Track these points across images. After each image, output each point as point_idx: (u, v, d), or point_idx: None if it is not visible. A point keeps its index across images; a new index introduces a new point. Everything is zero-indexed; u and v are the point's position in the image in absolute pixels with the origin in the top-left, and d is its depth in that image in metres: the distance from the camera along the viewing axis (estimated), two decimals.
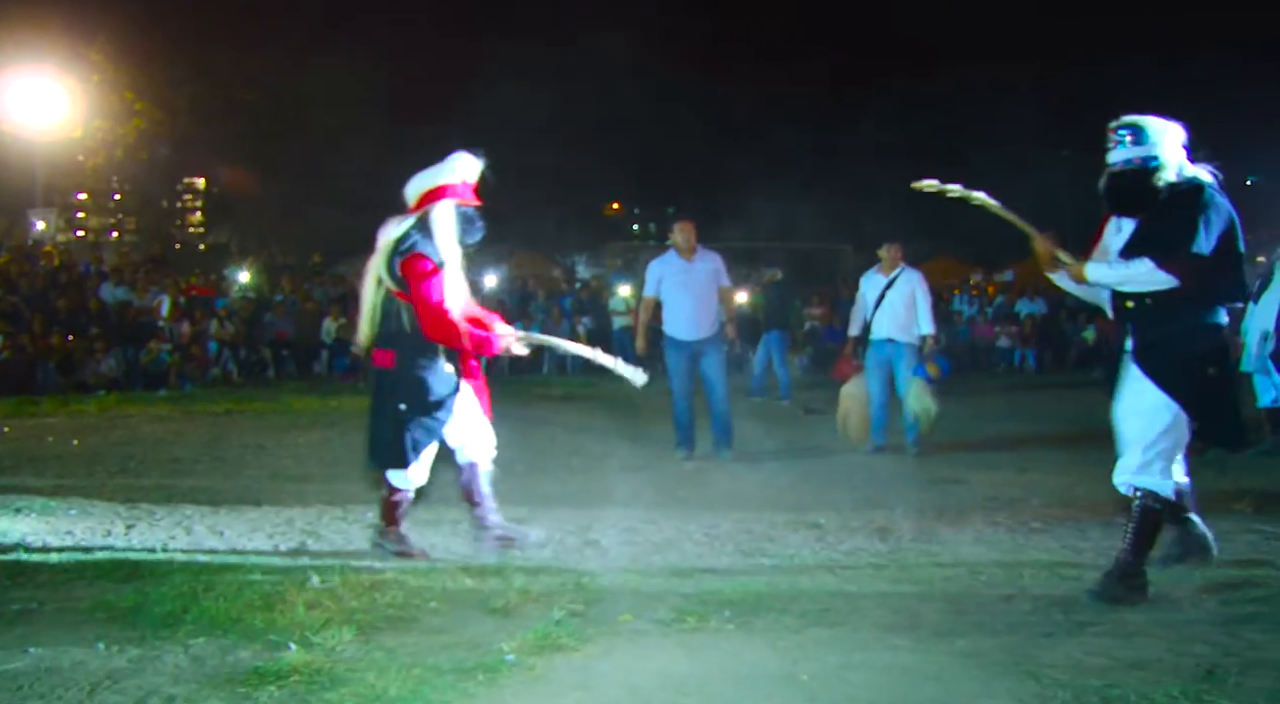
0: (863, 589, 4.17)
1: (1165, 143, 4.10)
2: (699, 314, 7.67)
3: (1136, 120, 4.14)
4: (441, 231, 4.63)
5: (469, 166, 4.75)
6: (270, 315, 16.57)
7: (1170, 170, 4.07)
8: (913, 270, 8.35)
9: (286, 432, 9.24)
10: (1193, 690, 3.02)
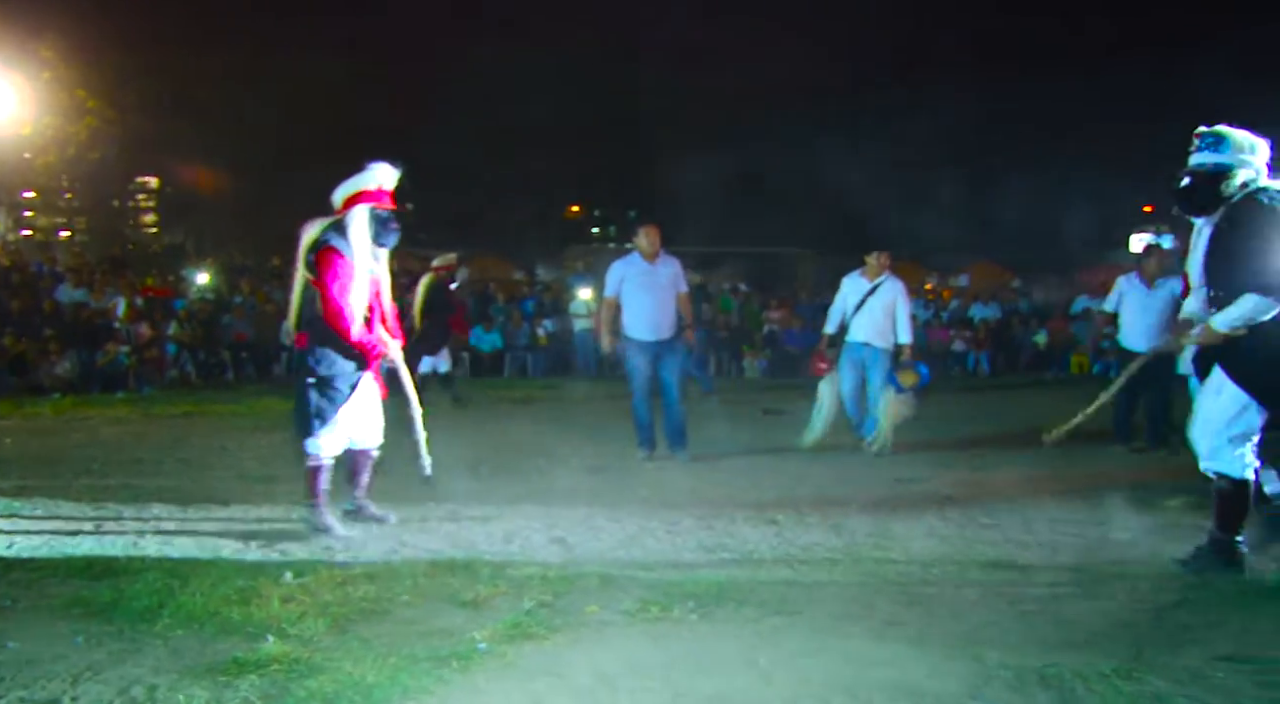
0: (818, 581, 4.36)
1: (1242, 154, 4.44)
2: (659, 316, 7.84)
3: (1220, 129, 4.53)
4: (356, 232, 5.19)
5: (386, 175, 5.32)
6: (229, 317, 16.49)
7: (1239, 178, 4.42)
8: (896, 279, 8.59)
9: (249, 433, 9.26)
10: (1124, 669, 3.23)
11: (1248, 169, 4.44)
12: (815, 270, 29.01)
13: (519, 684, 3.14)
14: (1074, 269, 28.51)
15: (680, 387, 7.94)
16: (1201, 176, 4.50)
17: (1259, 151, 4.48)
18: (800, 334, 18.94)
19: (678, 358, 7.97)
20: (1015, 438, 9.44)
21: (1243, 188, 4.43)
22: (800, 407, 11.91)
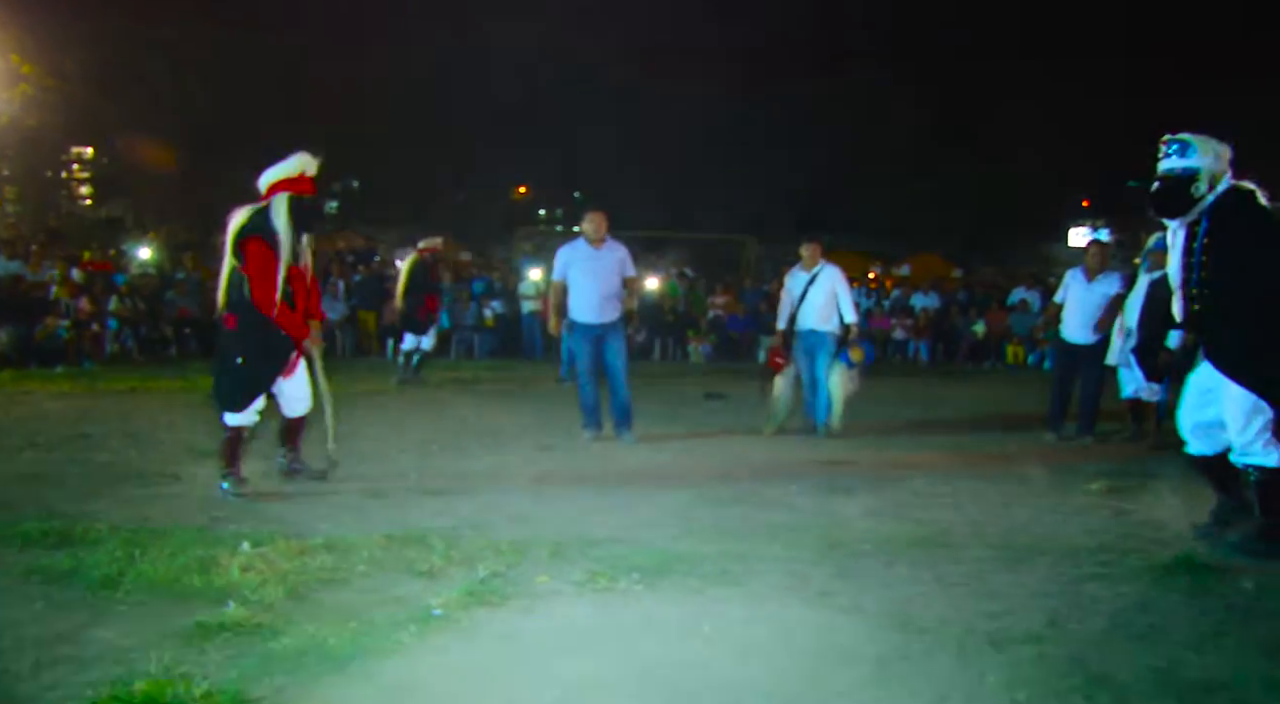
0: (758, 555, 4.57)
1: (1208, 157, 4.74)
2: (603, 300, 7.99)
3: (1186, 136, 4.82)
4: (279, 220, 5.53)
5: (307, 163, 5.65)
6: (172, 293, 16.31)
7: (1206, 181, 4.72)
8: (832, 267, 8.89)
9: (197, 409, 9.22)
10: (1035, 634, 3.50)
11: (1214, 171, 4.75)
12: (759, 257, 29.35)
13: (472, 647, 3.31)
14: (1012, 261, 29.21)
15: (625, 369, 8.09)
16: (1172, 181, 4.80)
17: (1223, 154, 4.80)
18: (744, 320, 19.24)
19: (621, 341, 8.12)
20: (950, 423, 9.82)
21: (1211, 189, 4.73)
22: (743, 391, 12.22)
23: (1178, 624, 3.70)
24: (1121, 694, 3.03)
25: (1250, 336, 4.70)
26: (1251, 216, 4.67)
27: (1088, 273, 8.63)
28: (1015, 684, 3.10)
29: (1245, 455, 4.75)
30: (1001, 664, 3.27)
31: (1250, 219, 4.67)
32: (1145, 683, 3.12)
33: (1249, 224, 4.66)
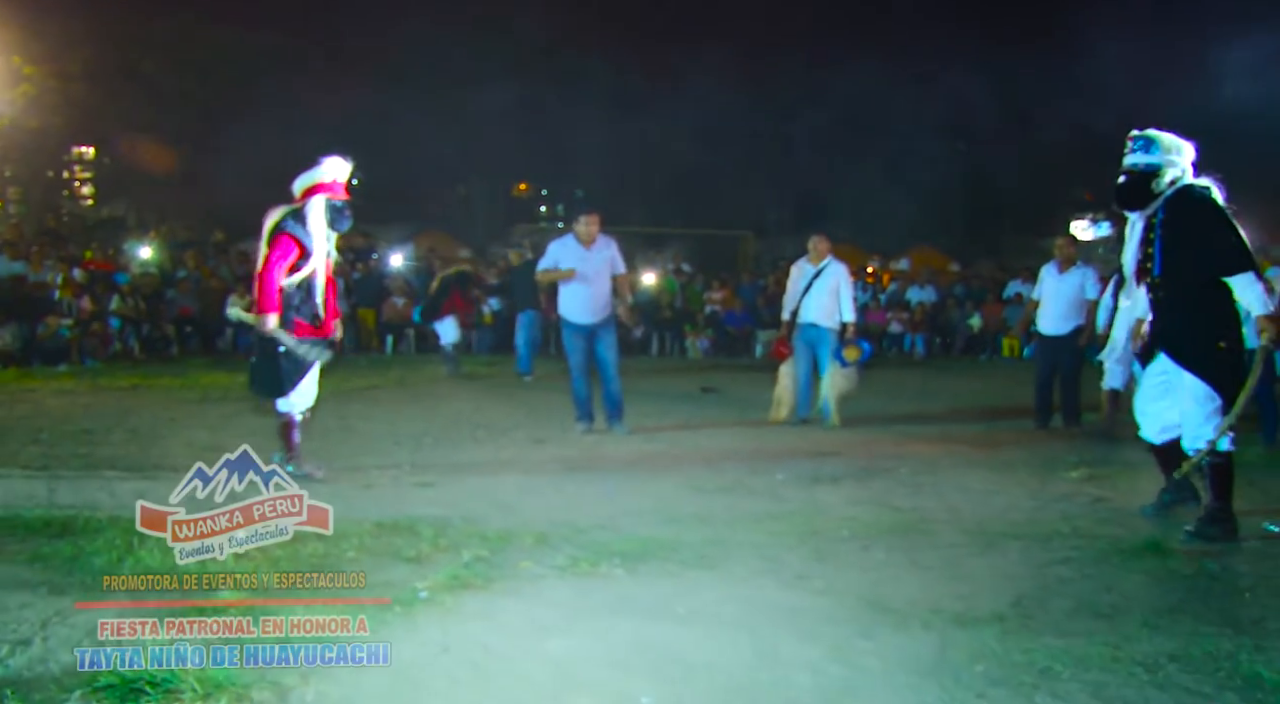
0: (736, 540, 4.70)
1: (1170, 154, 4.97)
2: (594, 300, 8.09)
3: (1150, 133, 5.05)
4: (314, 221, 5.95)
5: (339, 167, 6.04)
6: (173, 292, 16.45)
7: (1167, 177, 4.94)
8: (838, 262, 9.06)
9: (197, 405, 9.41)
10: (1000, 613, 3.64)
11: (1175, 168, 4.96)
12: (757, 252, 29.48)
13: (457, 626, 3.45)
14: (1009, 254, 29.32)
15: (616, 362, 8.21)
16: (1135, 176, 5.02)
17: (1185, 152, 5.01)
18: (741, 315, 19.35)
19: (613, 336, 8.23)
20: (941, 415, 9.95)
21: (1171, 185, 4.94)
22: (738, 385, 12.36)
23: (1138, 603, 3.83)
24: (1076, 666, 3.16)
25: (1201, 327, 4.86)
26: (1203, 211, 4.83)
27: (1059, 266, 8.75)
28: (976, 658, 3.23)
29: (1198, 441, 4.89)
30: (965, 640, 3.40)
31: (1202, 214, 4.83)
32: (1099, 656, 3.25)
33: (1200, 218, 4.83)
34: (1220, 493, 4.87)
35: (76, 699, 2.89)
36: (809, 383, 8.98)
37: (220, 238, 21.06)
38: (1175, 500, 5.36)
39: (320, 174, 6.00)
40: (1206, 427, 4.86)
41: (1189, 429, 4.93)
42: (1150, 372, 5.13)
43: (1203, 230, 4.82)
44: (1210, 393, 4.84)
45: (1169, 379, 4.99)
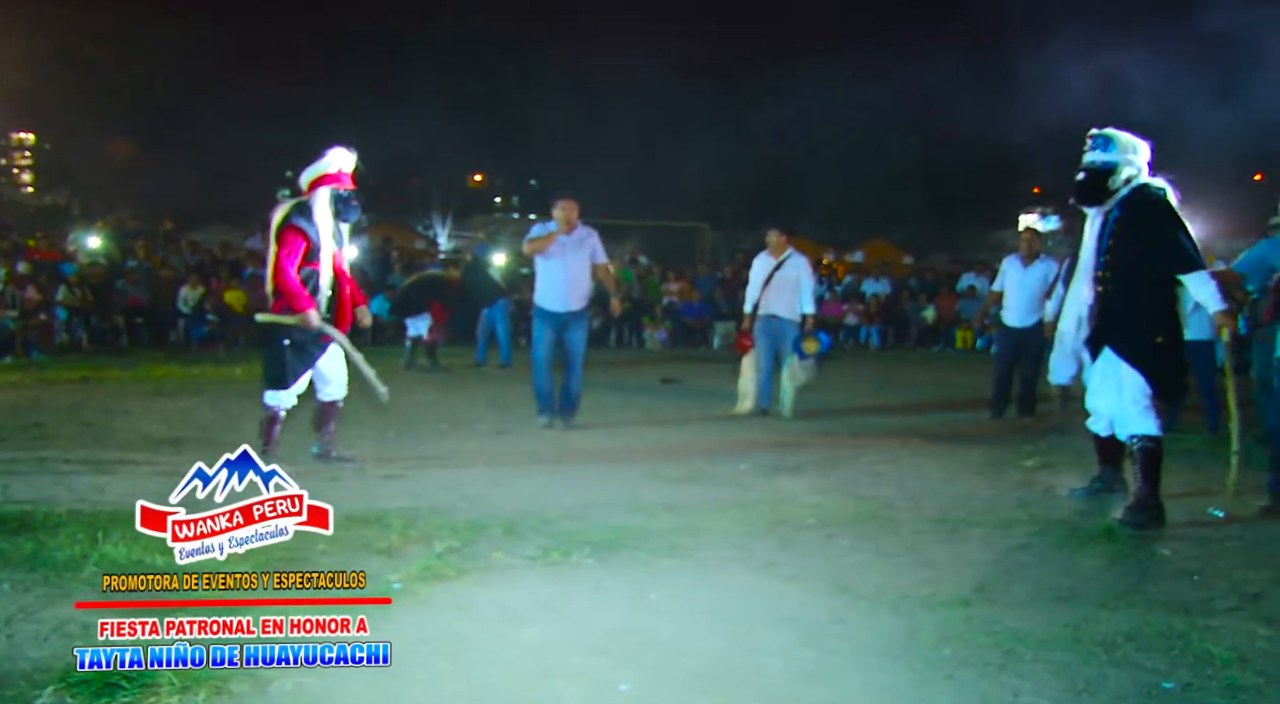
0: (705, 529, 4.77)
1: (1127, 153, 5.14)
2: (571, 288, 7.93)
3: (1108, 132, 5.22)
4: (320, 213, 6.00)
5: (344, 158, 6.09)
6: (123, 282, 16.16)
7: (1123, 175, 5.11)
8: (800, 255, 9.14)
9: (151, 398, 9.27)
10: (965, 597, 3.74)
11: (1131, 167, 5.14)
12: (715, 244, 29.61)
13: (431, 616, 3.46)
14: (962, 248, 29.73)
15: (582, 357, 8.10)
16: (1093, 173, 5.19)
17: (1141, 151, 5.21)
18: (699, 306, 19.44)
19: (584, 330, 8.11)
20: (898, 405, 10.10)
21: (1126, 183, 5.11)
22: (698, 376, 12.44)
23: (1094, 587, 3.96)
24: (1036, 648, 3.26)
25: (1142, 322, 5.03)
26: (1155, 211, 5.00)
27: (1023, 259, 8.91)
28: (943, 641, 3.32)
29: (1127, 426, 5.08)
30: (932, 624, 3.48)
31: (1154, 213, 5.00)
32: (1060, 638, 3.36)
33: (1154, 217, 4.99)
34: (1148, 479, 5.01)
35: (49, 695, 2.86)
36: (770, 375, 9.08)
37: (170, 227, 20.73)
38: (1105, 489, 5.56)
39: (325, 165, 6.04)
40: (1143, 418, 5.02)
41: (1123, 419, 5.10)
42: (1098, 365, 5.28)
43: (1156, 229, 4.98)
44: (1145, 385, 5.02)
45: (1112, 371, 5.14)
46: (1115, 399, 5.13)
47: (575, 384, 8.13)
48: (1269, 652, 3.29)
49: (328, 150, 6.06)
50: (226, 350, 15.08)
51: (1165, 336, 5.05)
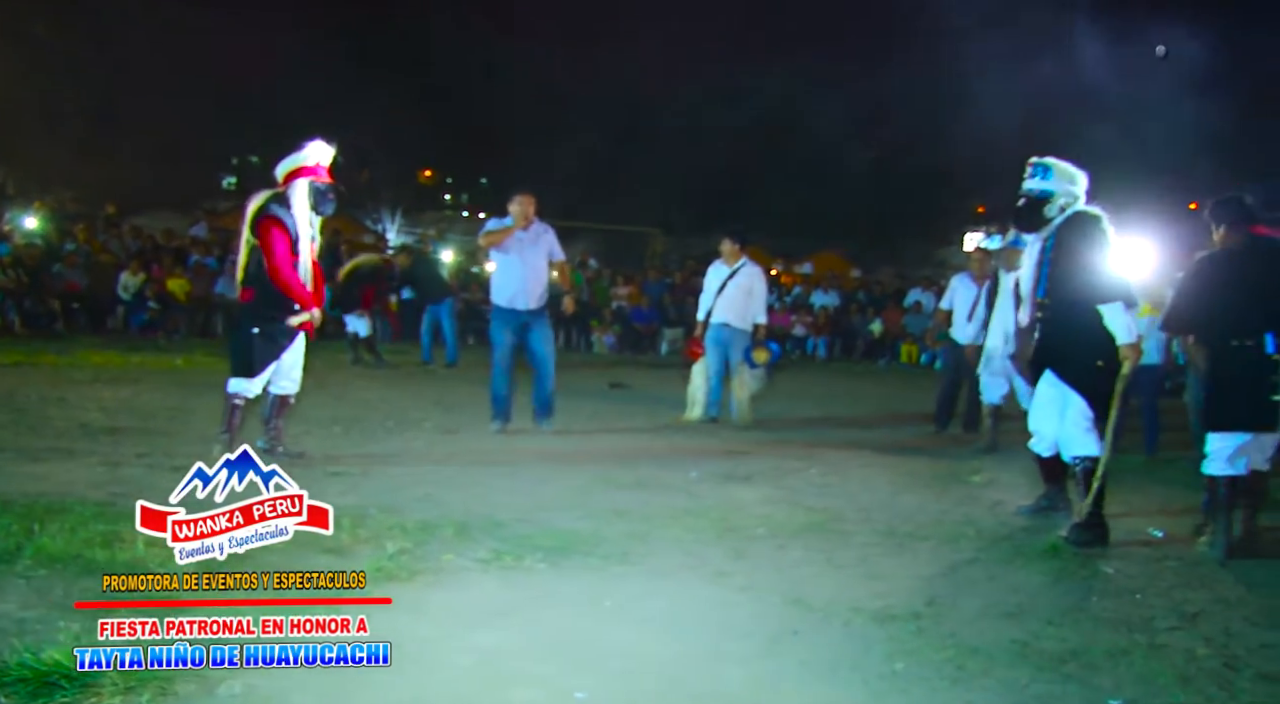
0: (657, 536, 4.75)
1: (1064, 182, 5.25)
2: (530, 285, 7.69)
3: (1047, 160, 5.33)
4: (298, 204, 6.01)
5: (322, 151, 6.10)
6: (60, 266, 15.73)
7: (1060, 202, 5.22)
8: (754, 265, 9.18)
9: (89, 385, 9.02)
10: (916, 611, 3.77)
11: (1068, 195, 5.25)
12: (665, 249, 29.67)
13: (384, 619, 3.39)
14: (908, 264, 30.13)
15: (552, 357, 7.84)
16: (1031, 200, 5.31)
17: (1078, 180, 5.32)
18: (648, 311, 19.47)
19: (547, 328, 7.88)
20: (845, 417, 10.20)
21: (1062, 210, 5.22)
22: (646, 381, 12.45)
23: (1041, 603, 4.02)
24: (988, 663, 3.30)
25: (1082, 346, 5.12)
26: (1089, 238, 5.10)
27: (974, 278, 8.99)
28: (896, 655, 3.34)
29: (1070, 448, 5.18)
30: (884, 638, 3.51)
31: (1087, 240, 5.09)
32: (1009, 653, 3.40)
33: (1085, 244, 5.09)
34: (1093, 499, 5.07)
35: None
36: (720, 383, 9.10)
37: (112, 211, 20.21)
38: (1050, 507, 5.65)
39: (303, 157, 6.04)
40: (1085, 439, 5.12)
41: (1066, 440, 5.20)
42: (1040, 387, 5.35)
43: (1086, 256, 5.08)
44: (1087, 408, 5.11)
45: (1054, 393, 5.23)
46: (1058, 421, 5.22)
47: (548, 387, 7.81)
48: (1209, 670, 3.37)
49: (306, 142, 6.07)
50: (167, 338, 14.77)
51: (1105, 360, 5.12)
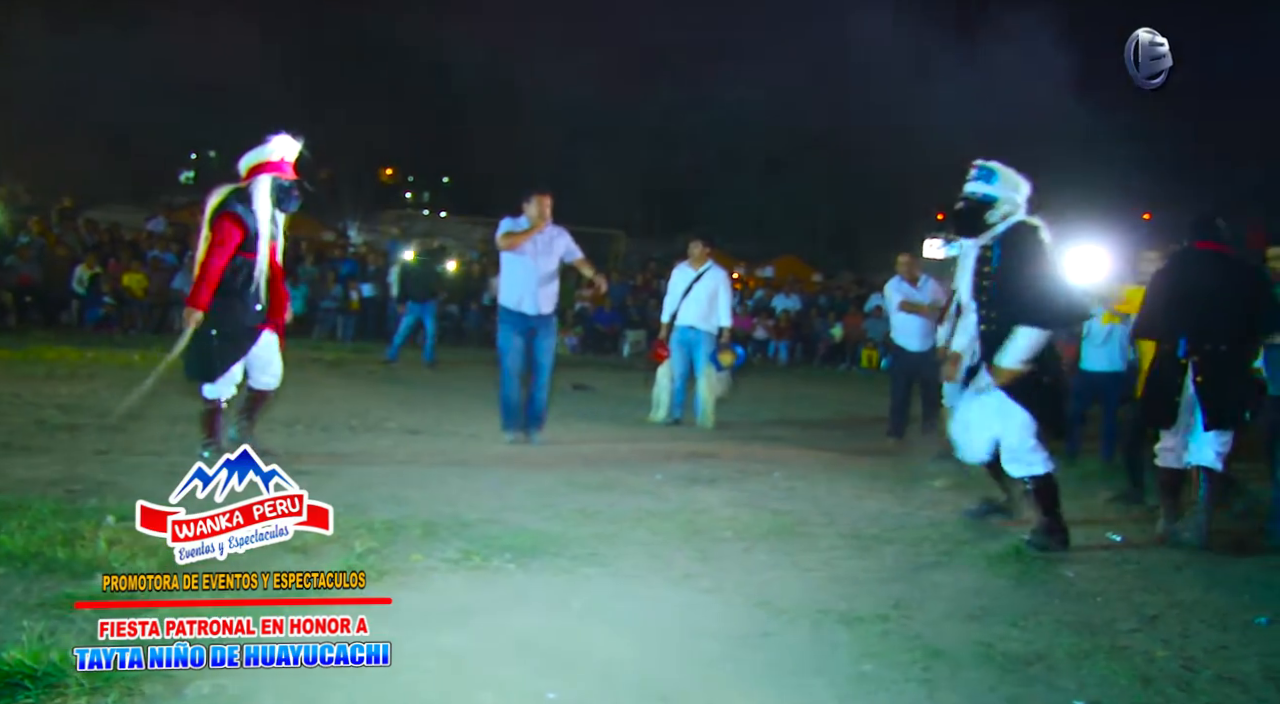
0: (624, 538, 4.76)
1: (1008, 188, 5.17)
2: (540, 290, 7.43)
3: (992, 164, 5.24)
4: (259, 201, 5.77)
5: (287, 146, 5.85)
6: (12, 258, 15.41)
7: (1001, 209, 5.14)
8: (719, 268, 9.20)
9: (44, 381, 8.84)
10: (882, 614, 3.81)
11: (1010, 203, 5.18)
12: (628, 251, 29.67)
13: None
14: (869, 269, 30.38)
15: (551, 369, 7.61)
16: (972, 203, 5.21)
17: (1021, 188, 5.24)
18: (610, 313, 19.48)
19: (553, 337, 7.65)
20: (807, 421, 10.28)
21: (1005, 218, 5.15)
22: (609, 383, 12.46)
23: (1005, 606, 4.08)
24: (953, 665, 3.34)
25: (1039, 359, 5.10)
26: (1029, 252, 5.06)
27: (910, 282, 8.93)
28: (863, 658, 3.38)
29: (1018, 465, 5.14)
30: (851, 640, 3.54)
31: (1028, 254, 5.06)
32: (974, 656, 3.45)
33: (1025, 258, 5.05)
34: (1047, 508, 5.11)
35: None
36: (684, 385, 9.14)
37: (68, 204, 19.82)
38: (991, 511, 5.72)
39: (268, 152, 5.80)
40: (1032, 458, 5.09)
41: (1010, 455, 5.13)
42: (968, 395, 5.31)
43: (1023, 270, 5.04)
44: (1031, 422, 5.07)
45: (995, 405, 5.13)
46: (1000, 432, 5.15)
47: (543, 400, 7.59)
48: (1168, 672, 3.44)
49: (271, 136, 5.83)
50: (123, 334, 14.52)
51: (1049, 376, 5.12)
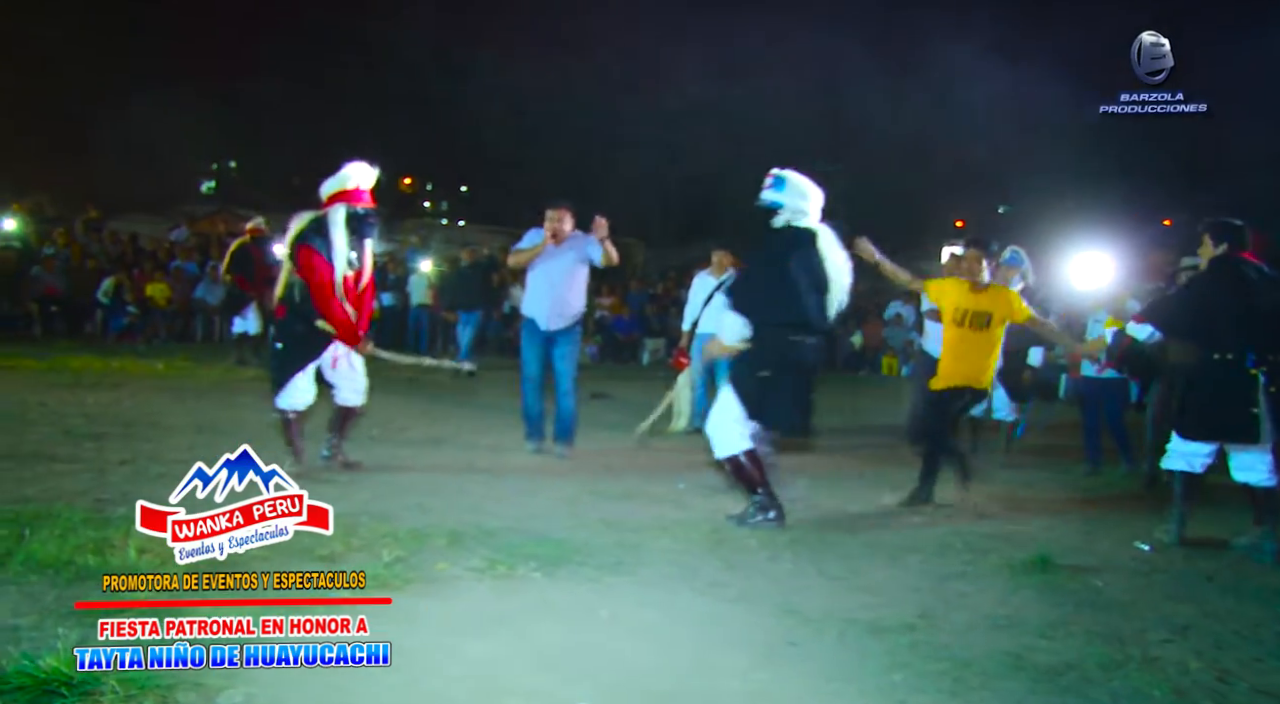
0: (649, 547, 4.76)
1: (794, 197, 5.35)
2: (554, 304, 7.35)
3: (784, 174, 5.42)
4: (335, 230, 5.89)
5: (363, 173, 5.96)
6: (38, 269, 15.57)
7: (784, 217, 5.34)
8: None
9: (70, 390, 8.93)
10: (909, 623, 3.79)
11: (795, 210, 5.36)
12: (646, 260, 29.68)
13: (375, 627, 3.37)
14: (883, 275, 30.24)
15: (573, 376, 7.54)
16: (758, 210, 5.42)
17: (810, 196, 5.41)
18: (629, 322, 19.48)
19: (574, 346, 7.56)
20: (828, 428, 10.19)
21: (787, 224, 5.34)
22: (628, 392, 12.45)
23: (1032, 616, 4.05)
24: (984, 676, 3.32)
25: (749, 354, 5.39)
26: (779, 252, 5.27)
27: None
28: (893, 668, 3.36)
29: (715, 447, 5.47)
30: (880, 650, 3.53)
31: (777, 254, 5.27)
32: (1004, 666, 3.43)
33: (773, 258, 5.28)
34: (750, 488, 5.38)
35: None
36: (705, 394, 9.10)
37: (94, 215, 20.00)
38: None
39: (344, 179, 5.92)
40: (723, 437, 5.37)
41: (715, 436, 5.44)
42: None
43: (761, 267, 5.34)
44: (734, 407, 5.35)
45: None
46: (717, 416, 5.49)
47: (568, 408, 7.48)
48: (1202, 684, 3.41)
49: (346, 164, 5.93)
50: (147, 343, 14.64)
51: (771, 371, 5.34)
